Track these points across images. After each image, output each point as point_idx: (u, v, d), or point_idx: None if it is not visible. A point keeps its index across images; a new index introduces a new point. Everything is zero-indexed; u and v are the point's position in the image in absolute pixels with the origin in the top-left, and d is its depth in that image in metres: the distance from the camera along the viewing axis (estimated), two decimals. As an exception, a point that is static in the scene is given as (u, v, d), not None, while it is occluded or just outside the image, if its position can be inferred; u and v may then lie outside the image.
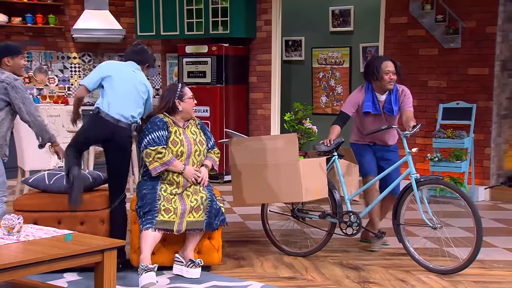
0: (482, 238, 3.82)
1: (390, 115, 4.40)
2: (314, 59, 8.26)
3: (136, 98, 4.02)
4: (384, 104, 4.41)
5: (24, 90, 3.89)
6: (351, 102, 4.45)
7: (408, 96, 4.40)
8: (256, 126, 7.79)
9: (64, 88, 8.43)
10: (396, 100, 4.40)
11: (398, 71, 4.38)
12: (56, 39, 8.28)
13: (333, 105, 8.14)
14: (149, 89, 4.12)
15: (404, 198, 4.06)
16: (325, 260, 4.25)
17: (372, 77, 4.38)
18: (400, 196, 4.09)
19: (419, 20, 6.67)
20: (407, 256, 4.09)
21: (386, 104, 4.40)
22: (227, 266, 4.12)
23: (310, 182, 4.05)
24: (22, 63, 4.02)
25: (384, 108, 4.41)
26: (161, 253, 3.92)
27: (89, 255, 2.84)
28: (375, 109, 4.39)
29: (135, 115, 4.00)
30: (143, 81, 4.08)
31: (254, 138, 4.44)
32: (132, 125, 3.98)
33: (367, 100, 4.39)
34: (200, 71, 7.56)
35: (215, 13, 7.54)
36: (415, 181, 3.99)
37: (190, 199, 3.83)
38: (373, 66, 4.38)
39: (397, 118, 4.47)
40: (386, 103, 4.40)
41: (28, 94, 3.94)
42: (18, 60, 3.97)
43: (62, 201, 3.92)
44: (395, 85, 4.42)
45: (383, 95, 4.41)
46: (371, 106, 4.38)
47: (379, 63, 4.36)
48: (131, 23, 8.28)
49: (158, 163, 3.80)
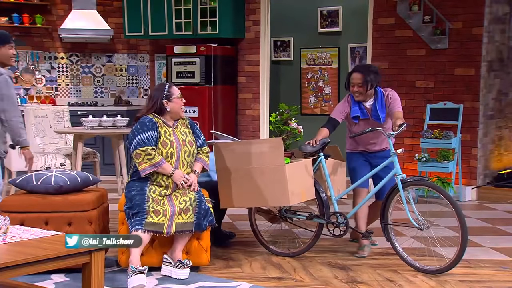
0: (467, 238, 3.86)
1: (378, 122, 4.38)
2: (302, 60, 8.29)
3: None
4: (371, 111, 4.41)
5: (7, 87, 3.78)
6: (339, 109, 4.45)
7: (395, 98, 4.38)
8: (245, 127, 7.80)
9: (51, 88, 8.38)
10: (382, 106, 4.38)
11: (367, 82, 4.28)
12: (43, 39, 8.23)
13: (322, 106, 8.17)
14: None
15: (391, 199, 4.09)
16: (313, 260, 4.27)
17: (346, 86, 4.45)
18: (387, 196, 4.12)
19: (406, 21, 6.72)
20: (395, 255, 4.12)
21: (373, 112, 4.41)
22: (216, 266, 4.12)
23: (296, 186, 4.07)
24: (11, 53, 3.87)
25: (372, 115, 4.41)
26: (150, 254, 3.91)
27: (76, 256, 2.83)
28: (363, 114, 4.39)
29: None
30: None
31: (240, 142, 4.44)
32: None
33: (354, 105, 4.40)
34: (188, 71, 7.55)
35: (204, 13, 7.54)
36: (401, 181, 4.01)
37: (179, 200, 3.83)
38: (347, 77, 4.45)
39: (388, 123, 4.43)
40: (373, 111, 4.40)
41: (12, 91, 3.82)
42: (5, 49, 3.86)
43: (49, 201, 3.91)
44: (380, 90, 4.40)
45: (367, 102, 4.40)
46: (359, 111, 4.39)
47: (349, 74, 4.42)
48: (119, 23, 8.25)
49: (148, 165, 3.79)
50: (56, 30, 8.05)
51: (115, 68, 8.61)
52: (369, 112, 4.41)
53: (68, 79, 8.43)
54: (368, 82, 4.30)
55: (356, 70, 4.40)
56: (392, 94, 4.42)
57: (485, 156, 6.67)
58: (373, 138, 4.43)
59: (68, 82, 8.45)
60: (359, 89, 4.32)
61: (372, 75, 4.32)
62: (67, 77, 8.43)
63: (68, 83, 8.45)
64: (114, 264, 4.04)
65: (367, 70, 4.37)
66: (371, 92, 4.34)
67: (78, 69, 8.48)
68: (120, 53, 8.59)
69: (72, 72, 8.45)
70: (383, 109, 4.39)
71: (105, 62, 8.58)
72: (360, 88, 4.32)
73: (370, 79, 4.30)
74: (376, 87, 4.38)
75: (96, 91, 8.58)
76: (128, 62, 8.62)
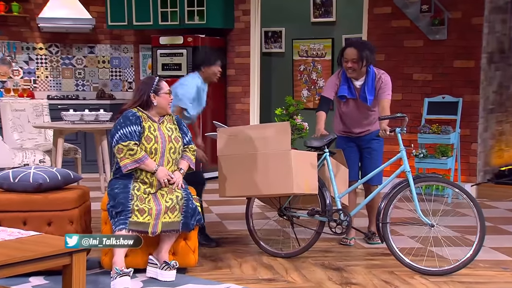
0: (484, 238, 3.89)
1: (365, 103, 4.44)
2: (295, 51, 8.29)
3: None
4: (360, 92, 4.45)
5: None
6: (330, 85, 4.52)
7: (386, 83, 4.40)
8: (234, 122, 7.79)
9: (29, 81, 8.32)
10: (372, 88, 4.42)
11: (362, 58, 4.32)
12: (20, 29, 8.16)
13: (315, 99, 8.17)
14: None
15: (394, 196, 4.06)
16: (306, 261, 4.27)
17: (338, 62, 4.48)
18: (390, 194, 4.08)
19: (403, 10, 6.73)
20: (391, 256, 4.13)
21: (361, 92, 4.44)
22: (204, 268, 4.12)
23: (300, 175, 4.05)
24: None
25: (360, 96, 4.46)
26: (134, 255, 3.90)
27: (56, 258, 2.81)
28: (351, 93, 4.43)
29: None
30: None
31: (243, 127, 4.44)
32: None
33: (343, 84, 4.45)
34: (175, 63, 7.53)
35: (191, 2, 7.52)
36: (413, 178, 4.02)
37: (165, 199, 3.82)
38: (340, 52, 4.46)
39: (376, 106, 4.51)
40: (361, 91, 4.44)
41: None
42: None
43: (27, 200, 3.88)
44: (372, 70, 4.43)
45: (358, 81, 4.43)
46: (347, 90, 4.43)
47: (342, 50, 4.44)
48: (101, 12, 8.20)
49: (130, 160, 3.78)
50: (34, 19, 8.00)
51: (97, 60, 8.56)
52: (358, 92, 4.44)
53: (48, 71, 8.37)
54: (363, 58, 4.33)
55: (350, 45, 4.42)
56: (385, 78, 4.43)
57: (485, 152, 6.71)
58: (358, 120, 4.48)
59: (48, 74, 8.39)
60: (353, 65, 4.34)
61: (367, 51, 4.35)
62: (46, 69, 8.37)
63: (47, 75, 8.39)
64: (96, 265, 4.02)
65: (362, 46, 4.39)
66: (364, 70, 4.36)
67: (58, 61, 8.42)
68: (103, 44, 8.54)
69: (51, 64, 8.39)
70: (372, 91, 4.42)
71: (87, 54, 8.53)
72: (354, 64, 4.33)
73: (365, 54, 4.33)
74: (369, 66, 4.39)
75: (77, 84, 8.53)
76: (111, 53, 8.58)
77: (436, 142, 6.41)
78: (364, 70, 4.37)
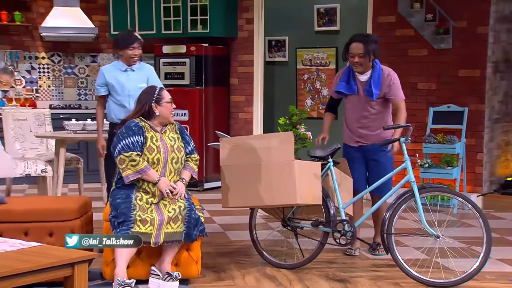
0: (491, 249, 3.87)
1: (370, 98, 4.41)
2: (298, 60, 8.30)
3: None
4: (365, 86, 4.41)
5: None
6: (334, 83, 4.53)
7: (396, 81, 4.40)
8: (238, 131, 7.80)
9: (31, 90, 8.35)
10: (379, 82, 4.39)
11: (369, 52, 4.32)
12: (22, 38, 8.20)
13: (319, 109, 8.18)
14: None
15: (399, 206, 4.05)
16: (310, 272, 4.26)
17: (343, 57, 4.46)
18: (395, 204, 4.06)
19: (407, 19, 6.75)
20: (396, 267, 4.11)
21: (367, 87, 4.40)
22: (207, 279, 4.11)
23: (304, 185, 4.05)
24: None
25: (365, 90, 4.42)
26: (137, 266, 3.90)
27: (58, 269, 2.81)
28: (350, 89, 4.40)
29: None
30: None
31: (246, 137, 4.44)
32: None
33: (342, 79, 4.42)
34: (178, 72, 7.55)
35: (194, 11, 7.55)
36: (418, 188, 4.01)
37: (168, 209, 3.82)
38: (344, 48, 4.44)
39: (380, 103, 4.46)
40: (367, 85, 4.40)
41: None
42: None
43: (29, 211, 3.88)
44: (379, 67, 4.42)
45: (363, 76, 4.41)
46: (344, 86, 4.40)
47: (347, 45, 4.42)
48: (103, 21, 8.24)
49: (132, 171, 3.78)
50: (37, 28, 8.03)
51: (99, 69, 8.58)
52: (362, 86, 4.41)
53: (50, 81, 8.40)
54: (370, 52, 4.31)
55: (355, 39, 4.39)
56: (394, 76, 4.42)
57: (491, 162, 6.70)
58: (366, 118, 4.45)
59: (50, 84, 8.42)
60: (360, 59, 4.32)
61: (373, 44, 4.33)
62: (48, 78, 8.40)
63: (49, 84, 8.42)
64: (98, 277, 4.02)
65: (368, 40, 4.36)
66: (370, 64, 4.36)
67: (60, 70, 8.45)
68: (105, 53, 8.57)
69: (54, 73, 8.42)
70: (378, 86, 4.39)
71: (89, 63, 8.56)
72: (361, 59, 4.32)
73: (372, 48, 4.31)
74: (374, 60, 4.39)
75: (79, 93, 8.56)
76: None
77: (441, 152, 6.40)
78: (370, 64, 4.36)
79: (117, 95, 4.78)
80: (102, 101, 4.91)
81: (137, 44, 4.74)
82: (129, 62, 4.77)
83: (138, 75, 4.80)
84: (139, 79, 4.77)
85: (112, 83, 4.79)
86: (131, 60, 4.76)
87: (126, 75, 4.79)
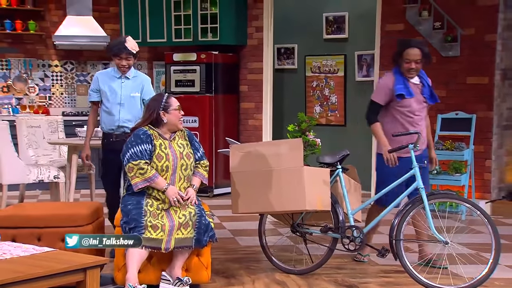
0: (499, 258, 3.84)
1: (429, 101, 4.30)
2: (307, 68, 8.31)
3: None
4: (422, 88, 4.31)
5: None
6: (381, 88, 4.33)
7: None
8: (247, 137, 7.80)
9: (45, 97, 8.40)
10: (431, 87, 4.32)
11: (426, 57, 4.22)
12: (36, 46, 8.27)
13: (327, 115, 8.17)
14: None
15: (408, 213, 4.02)
16: (319, 277, 4.25)
17: (395, 62, 4.32)
18: (404, 210, 4.04)
19: (416, 27, 6.73)
20: (404, 273, 4.09)
21: (425, 89, 4.30)
22: (217, 284, 4.10)
23: (313, 191, 4.03)
24: None
25: (423, 92, 4.31)
26: (147, 271, 3.90)
27: (70, 274, 2.82)
28: (409, 93, 4.26)
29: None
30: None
31: (255, 144, 4.43)
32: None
33: (398, 83, 4.26)
34: (188, 79, 7.57)
35: (204, 19, 7.58)
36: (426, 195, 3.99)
37: (178, 215, 3.82)
38: (397, 50, 4.30)
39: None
40: (425, 88, 4.30)
41: None
42: None
43: (42, 217, 3.90)
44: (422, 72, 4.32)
45: (413, 80, 4.30)
46: (404, 89, 4.24)
47: (402, 49, 4.27)
48: (115, 30, 8.29)
49: (140, 179, 3.79)
50: (50, 37, 8.09)
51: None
52: (418, 89, 4.31)
53: (63, 88, 8.46)
54: (427, 58, 4.24)
55: (412, 45, 4.27)
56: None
57: (500, 168, 6.66)
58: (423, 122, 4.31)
59: (63, 91, 8.48)
60: (417, 65, 4.23)
61: (426, 49, 4.27)
62: (61, 86, 8.45)
63: (62, 92, 8.47)
64: (110, 282, 4.02)
65: (422, 45, 4.27)
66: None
67: (73, 78, 8.50)
68: (117, 61, 8.61)
69: (66, 81, 8.48)
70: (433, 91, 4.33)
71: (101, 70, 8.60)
72: (417, 65, 4.23)
73: (428, 53, 4.25)
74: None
75: (91, 101, 8.59)
76: (125, 70, 8.64)
77: (449, 159, 6.37)
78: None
79: (107, 102, 4.65)
80: (95, 108, 4.79)
81: (125, 55, 4.55)
82: (119, 71, 4.64)
83: (133, 84, 4.65)
84: (133, 88, 4.63)
85: (105, 90, 4.65)
86: (120, 69, 4.61)
87: (120, 82, 4.65)
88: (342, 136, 7.88)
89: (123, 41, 4.59)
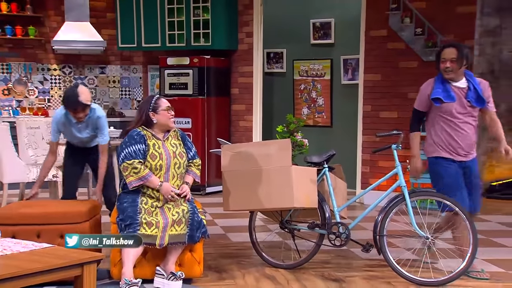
0: (477, 250, 3.86)
1: (475, 105, 3.97)
2: (295, 71, 8.32)
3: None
4: (467, 92, 4.00)
5: None
6: (420, 94, 4.16)
7: (489, 90, 4.05)
8: (238, 138, 7.81)
9: (44, 100, 8.36)
10: (481, 93, 4.01)
11: (462, 56, 3.94)
12: (36, 51, 8.23)
13: (315, 117, 8.19)
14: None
15: (391, 209, 4.05)
16: (306, 272, 4.26)
17: (438, 68, 4.07)
18: (387, 207, 4.07)
19: (398, 33, 6.76)
20: (388, 267, 4.11)
21: (471, 93, 3.98)
22: (209, 278, 4.10)
23: (301, 189, 4.05)
24: None
25: (468, 96, 3.98)
26: (142, 266, 3.89)
27: (67, 269, 2.81)
28: (449, 97, 3.98)
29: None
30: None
31: (246, 144, 4.44)
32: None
33: (437, 87, 4.04)
34: (181, 83, 7.56)
35: (197, 25, 7.57)
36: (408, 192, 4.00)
37: (172, 212, 3.82)
38: (436, 55, 4.11)
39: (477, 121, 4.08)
40: (470, 91, 3.98)
41: None
42: None
43: (41, 214, 3.88)
44: (471, 73, 4.07)
45: (458, 83, 4.00)
46: (441, 93, 3.99)
47: (440, 50, 4.08)
48: (112, 35, 8.26)
49: (134, 178, 3.79)
50: (49, 42, 8.06)
51: (108, 80, 8.61)
52: (462, 93, 4.02)
53: (61, 91, 8.42)
54: (463, 57, 3.95)
55: (449, 45, 4.08)
56: (485, 84, 4.05)
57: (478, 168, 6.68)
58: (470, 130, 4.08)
59: (61, 94, 8.43)
60: (452, 64, 3.96)
61: (466, 49, 4.01)
62: (60, 89, 8.42)
63: (60, 94, 8.43)
64: (106, 276, 4.01)
65: (461, 46, 4.05)
66: (462, 70, 4.00)
67: (71, 81, 8.47)
68: (113, 65, 8.59)
69: (65, 84, 8.44)
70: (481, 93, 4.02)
71: (98, 74, 8.58)
72: (452, 64, 3.96)
73: (465, 53, 3.97)
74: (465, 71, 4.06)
75: (89, 103, 8.56)
76: (121, 73, 8.63)
77: (430, 158, 6.38)
78: (462, 71, 3.99)
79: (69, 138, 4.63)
80: (55, 147, 4.56)
81: (81, 108, 4.25)
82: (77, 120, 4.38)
83: (87, 127, 4.48)
84: (88, 130, 4.50)
85: (64, 131, 4.55)
86: (77, 120, 4.36)
87: (76, 127, 4.45)
88: (328, 136, 7.90)
89: (76, 94, 4.22)
